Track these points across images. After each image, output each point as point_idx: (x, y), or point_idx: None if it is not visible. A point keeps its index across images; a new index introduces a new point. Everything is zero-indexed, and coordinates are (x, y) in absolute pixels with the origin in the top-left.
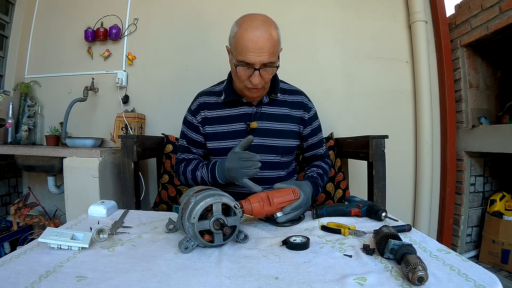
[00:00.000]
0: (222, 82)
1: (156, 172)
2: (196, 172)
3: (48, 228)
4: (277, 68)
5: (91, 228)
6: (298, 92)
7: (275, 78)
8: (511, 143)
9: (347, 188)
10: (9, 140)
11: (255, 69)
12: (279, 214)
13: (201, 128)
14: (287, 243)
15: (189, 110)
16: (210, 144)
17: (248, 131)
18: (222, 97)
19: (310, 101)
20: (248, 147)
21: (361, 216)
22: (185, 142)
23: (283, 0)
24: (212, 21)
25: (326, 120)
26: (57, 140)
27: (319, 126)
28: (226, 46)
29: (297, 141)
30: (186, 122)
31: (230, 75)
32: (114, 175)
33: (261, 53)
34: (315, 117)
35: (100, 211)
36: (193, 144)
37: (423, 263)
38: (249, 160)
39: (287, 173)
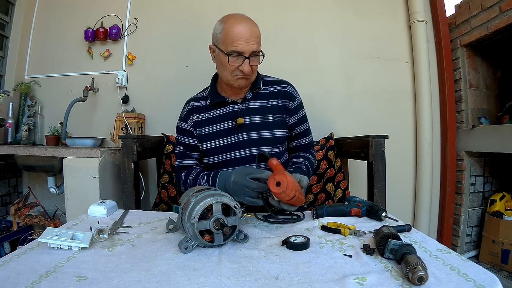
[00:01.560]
0: (206, 88)
1: (156, 172)
2: (196, 182)
3: (48, 228)
4: (263, 57)
5: (91, 228)
6: (281, 82)
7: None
8: (511, 143)
9: (347, 188)
10: (9, 140)
11: (245, 58)
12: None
13: (194, 132)
14: (287, 243)
15: (180, 118)
16: (203, 145)
17: (236, 128)
18: (208, 101)
19: (294, 89)
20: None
21: (361, 216)
22: (181, 148)
23: (283, 0)
24: (212, 21)
25: (326, 120)
26: (57, 140)
27: (305, 115)
28: (210, 46)
29: (285, 131)
30: (179, 129)
31: (213, 79)
32: (114, 175)
33: (249, 42)
34: (300, 106)
35: (100, 211)
36: (190, 149)
37: (423, 263)
38: (255, 190)
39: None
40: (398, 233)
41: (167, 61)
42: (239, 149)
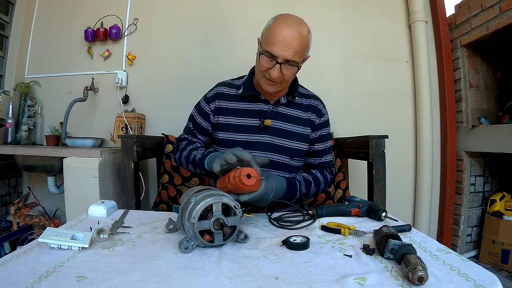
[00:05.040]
0: (242, 77)
1: (156, 172)
2: (193, 151)
3: (48, 228)
4: (298, 69)
5: (91, 228)
6: (315, 97)
7: (295, 82)
8: (511, 143)
9: (347, 188)
10: (9, 140)
11: (277, 63)
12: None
13: (211, 117)
14: (287, 243)
15: (204, 97)
16: (221, 135)
17: (261, 128)
18: (241, 91)
19: (324, 107)
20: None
21: (361, 216)
22: (191, 125)
23: (283, 0)
24: (212, 21)
25: None
26: (57, 140)
27: (328, 134)
28: (258, 38)
29: (307, 145)
30: (198, 107)
31: (251, 71)
32: (114, 175)
33: (287, 48)
34: (325, 124)
35: (100, 211)
36: (199, 130)
37: (423, 263)
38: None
39: None
40: (398, 233)
41: (167, 61)
42: (257, 150)
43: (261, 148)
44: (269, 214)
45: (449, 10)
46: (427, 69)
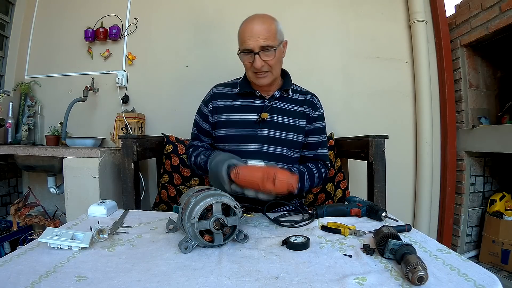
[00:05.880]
0: (238, 79)
1: (156, 172)
2: (197, 158)
3: (48, 228)
4: (275, 52)
5: (91, 228)
6: (309, 93)
7: (287, 76)
8: (511, 143)
9: (347, 188)
10: (9, 140)
11: (255, 53)
12: (250, 193)
13: (210, 117)
14: (287, 243)
15: (203, 100)
16: (219, 132)
17: (258, 122)
18: (237, 89)
19: (319, 102)
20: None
21: (361, 216)
22: (195, 130)
23: (283, 0)
24: (212, 21)
25: (326, 120)
26: (57, 140)
27: (323, 128)
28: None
29: (304, 137)
30: (199, 111)
31: (245, 72)
32: (114, 175)
33: (257, 38)
34: (320, 118)
35: (100, 211)
36: (202, 133)
37: (423, 263)
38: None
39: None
40: (398, 233)
41: (167, 61)
42: (255, 143)
43: (259, 141)
44: (266, 214)
45: (449, 10)
46: (427, 69)
